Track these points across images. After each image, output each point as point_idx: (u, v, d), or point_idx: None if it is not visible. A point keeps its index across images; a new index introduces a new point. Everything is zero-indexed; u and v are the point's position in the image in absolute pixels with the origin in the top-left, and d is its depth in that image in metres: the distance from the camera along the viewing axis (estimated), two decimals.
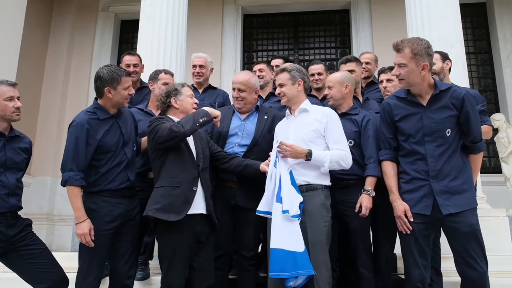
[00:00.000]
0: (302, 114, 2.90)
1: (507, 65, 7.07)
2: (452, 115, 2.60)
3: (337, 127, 2.84)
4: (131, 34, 8.07)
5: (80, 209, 2.61)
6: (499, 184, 5.86)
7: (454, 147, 2.62)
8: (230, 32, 7.65)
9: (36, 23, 7.21)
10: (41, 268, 2.69)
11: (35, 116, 7.30)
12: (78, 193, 2.63)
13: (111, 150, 2.74)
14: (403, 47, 2.60)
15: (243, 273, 3.07)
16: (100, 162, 2.71)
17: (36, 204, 6.93)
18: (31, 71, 7.10)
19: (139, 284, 3.40)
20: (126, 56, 4.00)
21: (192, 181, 2.71)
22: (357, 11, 7.53)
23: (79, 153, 2.63)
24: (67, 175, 2.62)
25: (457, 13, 4.54)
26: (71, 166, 2.62)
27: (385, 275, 3.13)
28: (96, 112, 2.77)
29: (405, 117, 2.70)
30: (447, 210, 2.53)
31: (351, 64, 3.63)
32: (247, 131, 3.15)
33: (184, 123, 2.68)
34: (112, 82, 2.75)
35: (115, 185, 2.72)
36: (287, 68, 2.95)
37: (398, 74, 2.64)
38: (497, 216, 3.98)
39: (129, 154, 2.82)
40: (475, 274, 2.53)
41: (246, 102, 3.20)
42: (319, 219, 2.62)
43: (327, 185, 2.80)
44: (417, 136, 2.64)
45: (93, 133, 2.68)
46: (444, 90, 2.64)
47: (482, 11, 7.63)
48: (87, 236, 2.58)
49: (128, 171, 2.79)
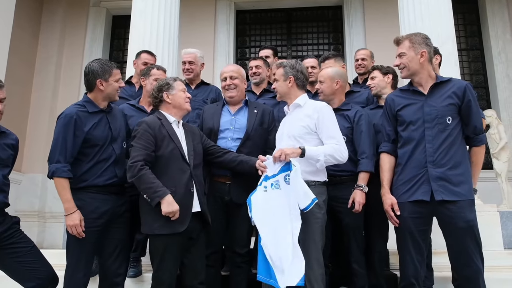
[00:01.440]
0: (296, 109, 2.89)
1: (498, 62, 7.12)
2: (453, 103, 2.66)
3: (329, 122, 2.77)
4: (123, 30, 8.00)
5: (70, 201, 2.58)
6: (491, 180, 5.89)
7: (454, 137, 2.64)
8: (223, 28, 7.62)
9: (26, 18, 7.13)
10: (29, 266, 2.64)
11: (26, 113, 7.23)
12: (66, 185, 2.59)
13: (99, 144, 2.70)
14: (402, 40, 2.78)
15: (236, 269, 3.06)
16: (87, 156, 2.68)
17: (27, 201, 6.87)
18: (21, 67, 7.03)
19: (131, 281, 3.39)
20: (143, 54, 4.01)
21: (187, 183, 2.68)
22: (350, 8, 7.52)
23: (67, 144, 2.61)
24: (54, 167, 2.58)
25: (449, 10, 4.56)
26: (58, 157, 2.59)
27: (378, 271, 3.15)
28: (86, 105, 2.75)
29: (406, 106, 2.76)
30: (440, 197, 2.54)
31: (329, 62, 3.63)
32: (239, 125, 3.14)
33: (139, 179, 2.55)
34: (104, 74, 2.74)
35: (102, 181, 2.67)
36: (283, 63, 2.95)
37: (399, 64, 2.77)
38: (488, 212, 4.01)
39: (117, 150, 2.78)
40: (470, 271, 2.54)
41: (238, 90, 3.18)
42: (310, 217, 2.60)
43: (321, 181, 2.77)
44: (417, 123, 2.69)
45: (81, 125, 2.65)
46: (445, 81, 2.73)
47: (474, 8, 7.67)
48: (78, 227, 2.55)
49: (117, 167, 2.75)
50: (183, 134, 2.85)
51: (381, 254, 3.22)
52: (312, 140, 2.75)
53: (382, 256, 3.25)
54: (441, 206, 2.56)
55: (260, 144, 3.08)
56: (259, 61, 4.01)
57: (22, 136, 6.76)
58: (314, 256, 2.60)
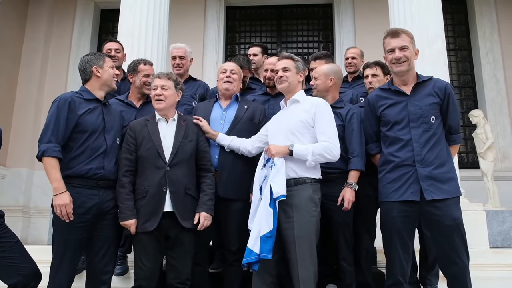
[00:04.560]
0: (294, 105, 2.85)
1: (486, 62, 7.19)
2: (435, 102, 2.68)
3: (324, 118, 2.73)
4: (111, 24, 7.91)
5: (59, 181, 2.52)
6: (477, 180, 5.97)
7: (438, 136, 2.67)
8: (213, 24, 7.57)
9: (12, 9, 7.00)
10: (11, 262, 2.57)
11: (11, 106, 7.11)
12: (56, 164, 2.54)
13: (88, 130, 2.66)
14: (400, 32, 2.75)
15: (229, 268, 3.03)
16: (77, 141, 2.64)
17: (11, 196, 6.76)
18: (6, 60, 6.91)
19: (118, 279, 3.36)
20: (107, 43, 4.00)
21: (159, 182, 2.69)
22: (340, 6, 7.54)
23: (60, 126, 2.58)
24: (45, 146, 2.54)
25: (439, 9, 4.59)
26: (50, 138, 2.56)
27: (365, 268, 3.16)
28: (82, 93, 2.76)
29: (390, 106, 2.76)
30: (430, 196, 2.56)
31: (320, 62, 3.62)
32: (229, 119, 3.15)
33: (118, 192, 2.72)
34: (98, 60, 2.80)
35: (88, 170, 2.61)
36: (294, 57, 2.90)
37: (401, 56, 2.70)
38: (474, 210, 4.06)
39: (109, 141, 2.73)
40: (456, 268, 2.55)
41: (234, 85, 3.22)
42: (306, 214, 2.58)
43: (316, 178, 2.72)
44: (402, 123, 2.70)
45: (74, 109, 2.64)
46: (426, 80, 2.75)
47: (463, 8, 7.74)
48: (68, 207, 2.48)
49: (106, 159, 2.70)
50: (172, 130, 2.83)
51: (368, 251, 3.23)
52: (309, 134, 2.72)
53: (370, 254, 3.27)
54: (429, 205, 2.57)
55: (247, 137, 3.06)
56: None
57: (7, 130, 6.65)
58: (308, 254, 2.57)
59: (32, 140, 6.99)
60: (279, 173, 2.56)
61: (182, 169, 2.77)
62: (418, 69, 2.90)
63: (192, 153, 2.84)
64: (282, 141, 2.71)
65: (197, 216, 2.73)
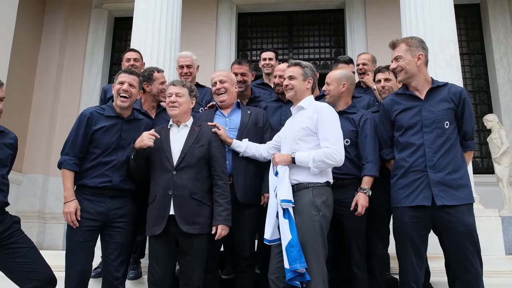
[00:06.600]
0: (300, 112, 2.85)
1: (500, 66, 7.10)
2: (450, 107, 2.67)
3: (327, 123, 2.69)
4: (125, 32, 8.00)
5: (69, 190, 2.75)
6: (492, 185, 5.88)
7: (452, 141, 2.65)
8: (225, 30, 7.62)
9: (28, 18, 7.14)
10: (27, 267, 2.62)
11: (27, 113, 7.22)
12: (70, 175, 2.78)
13: (102, 148, 2.82)
14: (398, 43, 2.78)
15: (241, 274, 3.03)
16: (91, 155, 2.84)
17: (27, 202, 6.86)
18: (23, 67, 7.03)
19: (132, 283, 3.40)
20: (127, 52, 4.04)
21: (165, 185, 2.73)
22: (352, 11, 7.52)
23: (77, 140, 2.81)
24: (63, 158, 2.81)
25: (451, 14, 4.56)
26: (68, 150, 2.81)
27: (378, 275, 3.13)
28: (105, 108, 2.96)
29: (404, 111, 2.76)
30: (441, 202, 2.54)
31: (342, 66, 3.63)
32: (234, 125, 3.17)
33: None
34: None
35: (95, 183, 2.79)
36: (302, 63, 2.89)
37: (396, 67, 2.77)
38: (489, 217, 4.00)
39: (121, 157, 2.86)
40: (469, 275, 2.52)
41: (229, 94, 3.20)
42: (307, 219, 2.56)
43: (322, 182, 2.68)
44: (416, 128, 2.69)
45: (91, 123, 2.84)
46: (441, 86, 2.73)
47: (476, 12, 7.66)
48: (73, 214, 2.69)
49: (115, 173, 2.82)
50: (184, 135, 2.86)
51: (381, 258, 3.20)
52: (313, 141, 2.70)
53: (383, 261, 3.24)
54: (441, 211, 2.55)
55: (254, 141, 3.07)
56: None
57: (23, 137, 6.76)
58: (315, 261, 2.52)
59: (47, 147, 7.11)
60: (283, 181, 2.61)
61: (189, 173, 2.75)
62: (430, 74, 2.88)
63: (202, 157, 2.81)
64: (288, 149, 2.74)
65: (214, 228, 2.73)
